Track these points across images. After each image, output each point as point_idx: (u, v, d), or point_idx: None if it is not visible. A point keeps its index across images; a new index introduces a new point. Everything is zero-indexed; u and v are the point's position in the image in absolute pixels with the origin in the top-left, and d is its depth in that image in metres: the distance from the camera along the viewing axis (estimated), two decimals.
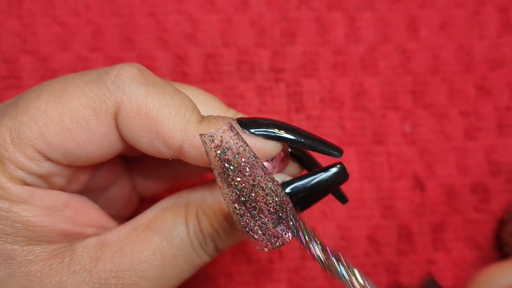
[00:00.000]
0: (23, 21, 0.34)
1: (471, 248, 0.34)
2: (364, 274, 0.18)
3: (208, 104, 0.23)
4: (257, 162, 0.18)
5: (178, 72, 0.34)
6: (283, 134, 0.20)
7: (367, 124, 0.34)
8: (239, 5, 0.35)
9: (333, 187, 0.21)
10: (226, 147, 0.18)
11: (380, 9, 0.36)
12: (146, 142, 0.20)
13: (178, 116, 0.19)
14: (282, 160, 0.22)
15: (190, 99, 0.20)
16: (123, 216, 0.27)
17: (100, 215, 0.23)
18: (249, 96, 0.34)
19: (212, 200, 0.21)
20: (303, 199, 0.20)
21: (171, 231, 0.21)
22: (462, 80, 0.35)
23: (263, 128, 0.20)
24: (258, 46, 0.35)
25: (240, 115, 0.23)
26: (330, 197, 0.34)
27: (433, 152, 0.34)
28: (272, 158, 0.21)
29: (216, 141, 0.18)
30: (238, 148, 0.18)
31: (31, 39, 0.34)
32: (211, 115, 0.20)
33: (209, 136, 0.18)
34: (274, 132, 0.20)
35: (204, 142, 0.18)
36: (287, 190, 0.20)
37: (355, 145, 0.34)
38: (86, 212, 0.22)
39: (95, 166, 0.23)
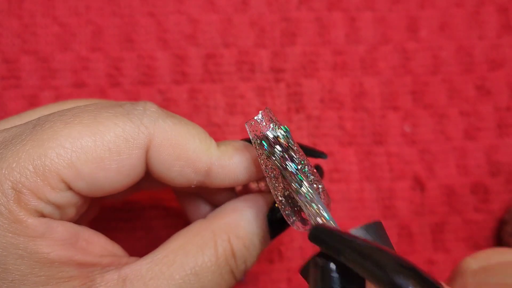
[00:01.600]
0: (23, 21, 0.34)
1: (471, 248, 0.34)
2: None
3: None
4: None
5: (178, 72, 0.34)
6: None
7: (367, 124, 0.34)
8: (239, 5, 0.35)
9: None
10: (274, 126, 0.21)
11: (380, 9, 0.36)
12: (177, 170, 0.21)
13: (202, 143, 0.21)
14: None
15: (203, 129, 0.22)
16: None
17: (108, 243, 0.22)
18: (249, 96, 0.34)
19: (239, 220, 0.22)
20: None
21: (198, 263, 0.20)
22: (462, 80, 0.35)
23: None
24: (258, 46, 0.35)
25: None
26: (330, 197, 0.34)
27: (433, 152, 0.34)
28: None
29: (264, 121, 0.20)
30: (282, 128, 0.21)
31: (31, 39, 0.34)
32: (221, 142, 0.22)
33: (257, 118, 0.20)
34: None
35: (253, 125, 0.20)
36: None
37: (355, 145, 0.34)
38: (96, 241, 0.21)
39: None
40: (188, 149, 0.21)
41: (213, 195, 0.26)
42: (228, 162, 0.21)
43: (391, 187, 0.34)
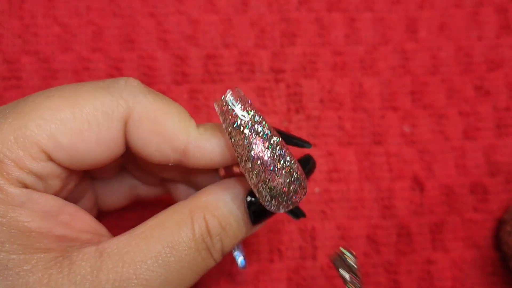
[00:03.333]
0: (24, 22, 0.34)
1: (470, 248, 0.34)
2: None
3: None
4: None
5: (178, 72, 0.34)
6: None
7: (366, 124, 0.35)
8: (239, 6, 0.35)
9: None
10: (242, 102, 0.21)
11: (379, 10, 0.36)
12: (154, 146, 0.21)
13: (181, 122, 0.21)
14: None
15: (184, 108, 0.22)
16: None
17: (93, 221, 0.22)
18: (249, 97, 0.34)
19: (217, 199, 0.22)
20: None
21: (174, 237, 0.20)
22: (461, 80, 0.35)
23: None
24: (258, 47, 0.35)
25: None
26: (330, 197, 0.34)
27: (433, 152, 0.35)
28: None
29: (231, 99, 0.21)
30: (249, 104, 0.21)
31: (32, 40, 0.34)
32: (201, 123, 0.23)
33: (226, 96, 0.21)
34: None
35: (222, 105, 0.21)
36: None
37: (355, 145, 0.34)
38: (80, 218, 0.22)
39: (80, 177, 0.23)
40: (166, 126, 0.21)
41: (199, 182, 0.26)
42: (204, 144, 0.21)
43: (390, 187, 0.34)
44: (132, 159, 0.26)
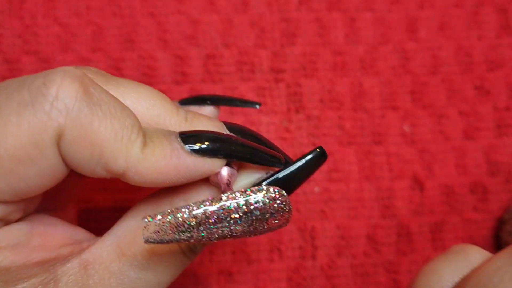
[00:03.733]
0: (24, 22, 0.34)
1: None
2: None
3: (157, 108, 0.21)
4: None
5: (178, 72, 0.34)
6: (225, 149, 0.19)
7: (366, 124, 0.35)
8: (239, 6, 0.35)
9: (313, 168, 0.21)
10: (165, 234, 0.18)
11: (379, 10, 0.36)
12: (88, 169, 0.18)
13: (123, 141, 0.18)
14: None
15: (135, 117, 0.19)
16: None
17: (67, 230, 0.21)
18: (249, 97, 0.34)
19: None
20: (286, 185, 0.20)
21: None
22: (461, 80, 0.35)
23: (206, 143, 0.19)
24: (258, 47, 0.35)
25: (191, 119, 0.21)
26: (330, 197, 0.34)
27: (433, 152, 0.35)
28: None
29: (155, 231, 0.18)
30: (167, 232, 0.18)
31: (32, 40, 0.34)
32: (154, 134, 0.19)
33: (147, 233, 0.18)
34: (217, 148, 0.19)
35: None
36: (265, 183, 0.20)
37: (355, 145, 0.34)
38: (53, 233, 0.20)
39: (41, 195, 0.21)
40: (104, 148, 0.17)
41: None
42: (148, 169, 0.18)
43: (390, 186, 0.34)
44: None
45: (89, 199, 0.32)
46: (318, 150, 0.21)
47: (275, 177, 0.20)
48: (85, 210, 0.33)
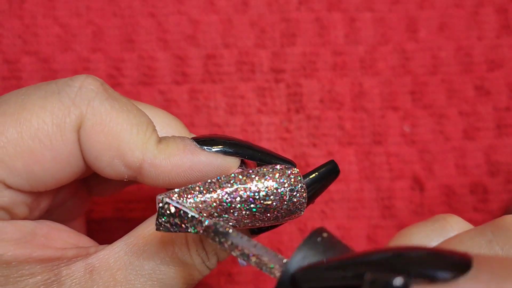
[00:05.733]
0: (24, 22, 0.34)
1: None
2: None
3: (169, 127, 0.22)
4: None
5: (178, 72, 0.34)
6: (239, 150, 0.20)
7: (366, 124, 0.35)
8: (239, 6, 0.35)
9: (325, 183, 0.21)
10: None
11: (379, 10, 0.36)
12: (105, 160, 0.19)
13: (139, 135, 0.19)
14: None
15: (150, 119, 0.20)
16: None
17: (72, 236, 0.21)
18: (249, 97, 0.34)
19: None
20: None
21: (167, 253, 0.19)
22: (461, 80, 0.35)
23: (220, 146, 0.20)
24: (258, 47, 0.35)
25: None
26: (330, 197, 0.34)
27: (433, 152, 0.35)
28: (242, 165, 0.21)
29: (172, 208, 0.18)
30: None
31: (32, 40, 0.34)
32: (167, 136, 0.20)
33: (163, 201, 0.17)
34: (231, 149, 0.20)
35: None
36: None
37: (355, 145, 0.34)
38: (57, 236, 0.20)
39: (56, 190, 0.21)
40: (121, 140, 0.18)
41: None
42: (162, 162, 0.19)
43: (390, 187, 0.34)
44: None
45: (90, 209, 0.32)
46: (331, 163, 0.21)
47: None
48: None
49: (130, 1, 0.35)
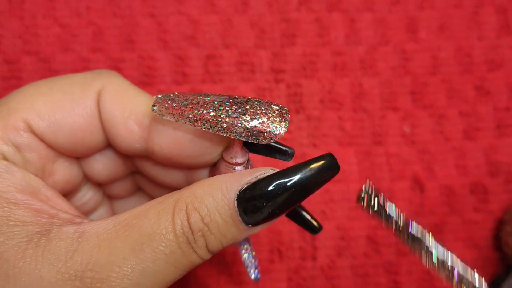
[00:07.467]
0: (24, 22, 0.34)
1: (470, 248, 0.34)
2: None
3: None
4: None
5: (178, 72, 0.34)
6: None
7: (366, 124, 0.35)
8: (239, 6, 0.35)
9: (323, 180, 0.20)
10: None
11: (379, 10, 0.36)
12: (121, 118, 0.22)
13: (150, 102, 0.22)
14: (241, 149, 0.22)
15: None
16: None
17: (72, 209, 0.22)
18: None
19: (204, 193, 0.20)
20: (293, 195, 0.20)
21: (153, 228, 0.20)
22: (461, 80, 0.35)
23: None
24: (258, 47, 0.35)
25: None
26: (330, 198, 0.34)
27: (433, 152, 0.35)
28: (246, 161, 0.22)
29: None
30: None
31: (32, 40, 0.34)
32: None
33: None
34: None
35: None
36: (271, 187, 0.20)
37: (355, 145, 0.34)
38: (59, 203, 0.22)
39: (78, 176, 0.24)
40: (135, 102, 0.22)
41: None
42: (169, 122, 0.22)
43: (390, 187, 0.34)
44: (145, 179, 0.26)
45: None
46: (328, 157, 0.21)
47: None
48: None
49: (130, 1, 0.35)
